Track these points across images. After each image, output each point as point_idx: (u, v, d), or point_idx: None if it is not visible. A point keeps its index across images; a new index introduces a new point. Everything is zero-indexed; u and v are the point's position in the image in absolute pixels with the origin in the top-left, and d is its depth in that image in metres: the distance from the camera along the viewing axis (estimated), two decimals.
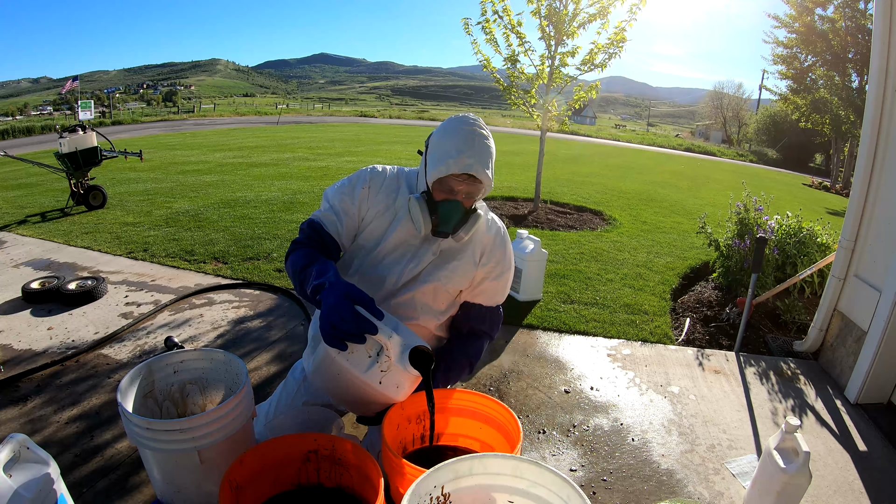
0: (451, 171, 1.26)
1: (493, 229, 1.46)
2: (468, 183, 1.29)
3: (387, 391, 1.14)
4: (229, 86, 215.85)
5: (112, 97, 35.83)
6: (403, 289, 1.40)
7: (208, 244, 3.90)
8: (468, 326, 1.48)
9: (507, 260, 1.47)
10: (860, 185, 2.37)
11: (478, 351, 1.47)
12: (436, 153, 1.30)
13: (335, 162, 9.27)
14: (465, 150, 1.26)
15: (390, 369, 1.12)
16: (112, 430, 1.76)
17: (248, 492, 1.09)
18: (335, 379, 1.16)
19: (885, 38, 2.20)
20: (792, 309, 3.02)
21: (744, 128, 41.68)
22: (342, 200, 1.39)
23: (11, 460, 0.94)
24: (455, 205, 1.31)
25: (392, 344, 1.10)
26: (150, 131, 16.78)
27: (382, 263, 1.40)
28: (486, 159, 1.29)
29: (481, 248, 1.44)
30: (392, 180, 1.44)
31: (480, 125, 1.32)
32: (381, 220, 1.40)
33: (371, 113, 36.60)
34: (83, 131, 5.00)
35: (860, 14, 14.89)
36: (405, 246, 1.40)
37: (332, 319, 1.05)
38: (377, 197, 1.41)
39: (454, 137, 1.28)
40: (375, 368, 1.12)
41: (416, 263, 1.39)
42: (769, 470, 1.38)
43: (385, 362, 1.12)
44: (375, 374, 1.12)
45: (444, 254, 1.42)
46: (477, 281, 1.45)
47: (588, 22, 4.92)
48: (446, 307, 1.46)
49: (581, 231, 5.07)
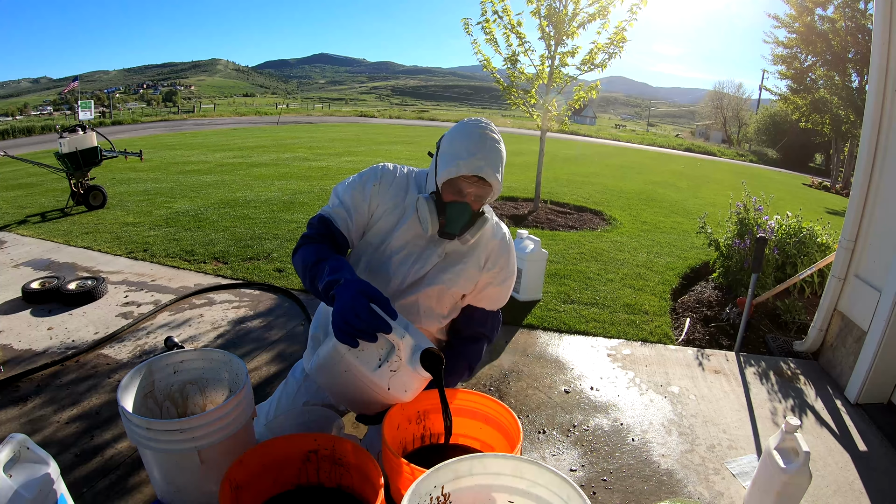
0: (462, 173, 1.26)
1: (499, 234, 1.46)
2: (478, 185, 1.30)
3: (395, 392, 1.14)
4: (229, 86, 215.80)
5: (112, 97, 35.85)
6: (408, 291, 1.40)
7: (208, 244, 3.90)
8: (469, 330, 1.49)
9: (510, 266, 1.48)
10: (860, 185, 2.37)
11: (478, 354, 1.48)
12: (447, 154, 1.31)
13: (335, 162, 9.27)
14: (476, 153, 1.26)
15: (400, 370, 1.12)
16: (112, 430, 1.76)
17: (248, 492, 1.09)
18: (341, 376, 1.16)
19: (885, 38, 2.20)
20: (792, 309, 3.02)
21: (744, 128, 41.67)
22: (353, 196, 1.40)
23: (11, 460, 0.94)
24: (463, 207, 1.32)
25: (404, 344, 1.10)
26: (150, 131, 16.78)
27: (388, 263, 1.40)
28: (497, 163, 1.29)
29: (486, 253, 1.44)
30: (402, 179, 1.44)
31: (492, 129, 1.32)
32: (390, 218, 1.41)
33: (371, 113, 36.60)
34: (83, 131, 5.00)
35: (860, 14, 14.88)
36: (411, 246, 1.40)
37: (346, 316, 1.04)
38: (387, 194, 1.41)
39: (466, 139, 1.29)
40: (385, 368, 1.11)
41: (421, 265, 1.39)
42: (769, 470, 1.38)
43: (395, 363, 1.11)
44: (384, 374, 1.12)
45: (450, 256, 1.42)
46: (481, 285, 1.45)
47: (588, 22, 4.92)
48: (448, 311, 1.46)
49: (581, 231, 5.07)
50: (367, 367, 1.11)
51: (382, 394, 1.15)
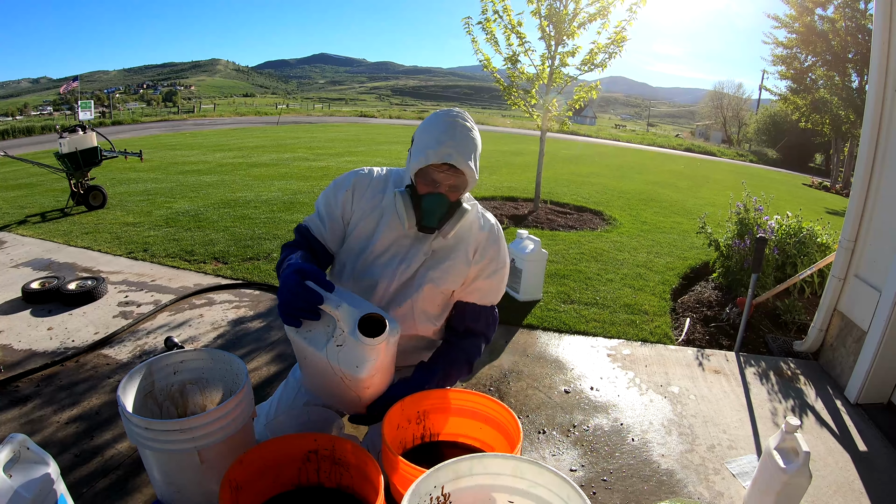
0: (431, 161, 1.25)
1: (487, 227, 1.44)
2: (450, 174, 1.28)
3: (346, 369, 1.08)
4: (229, 86, 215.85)
5: (112, 97, 35.86)
6: (399, 295, 1.38)
7: (208, 244, 3.90)
8: (463, 325, 1.46)
9: (500, 258, 1.44)
10: (860, 185, 2.37)
11: (476, 349, 1.45)
12: (418, 145, 1.30)
13: (335, 162, 9.27)
14: (445, 141, 1.25)
15: (345, 343, 1.08)
16: (112, 430, 1.76)
17: (248, 492, 1.09)
18: (307, 367, 1.14)
19: (885, 38, 2.20)
20: (792, 309, 3.02)
21: (744, 128, 41.68)
22: (327, 204, 1.41)
23: (11, 460, 0.94)
24: (439, 198, 1.29)
25: (341, 314, 1.07)
26: (150, 131, 16.78)
27: (374, 266, 1.38)
28: (468, 150, 1.27)
29: (474, 246, 1.41)
30: (379, 181, 1.43)
31: (464, 117, 1.30)
32: (369, 221, 1.39)
33: (371, 113, 36.58)
34: (83, 131, 5.00)
35: (860, 14, 14.87)
36: (395, 246, 1.38)
37: (283, 296, 1.06)
38: (363, 199, 1.40)
39: (435, 128, 1.28)
40: (332, 343, 1.08)
41: (407, 264, 1.37)
42: (769, 470, 1.38)
43: (340, 336, 1.08)
44: (333, 351, 1.08)
45: (437, 254, 1.40)
46: (470, 279, 1.42)
47: (588, 22, 4.92)
48: (441, 310, 1.45)
49: (581, 231, 5.07)
50: (316, 346, 1.09)
51: (340, 376, 1.10)
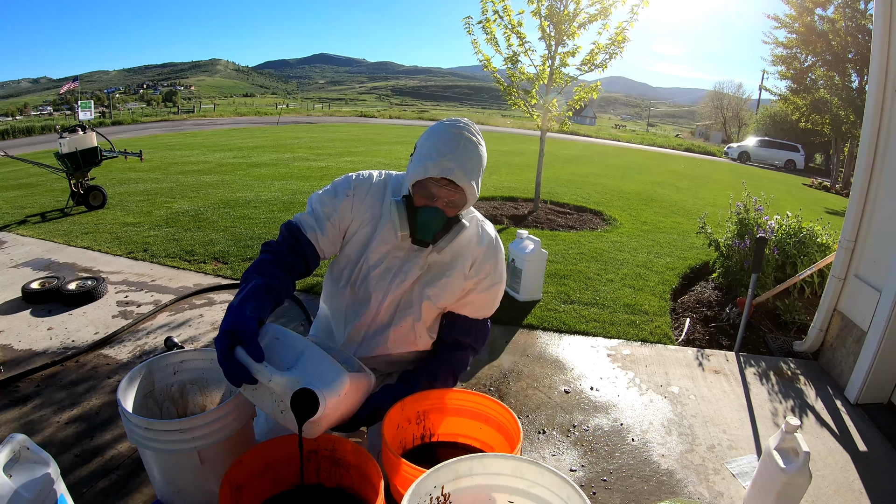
0: (429, 174, 1.18)
1: (486, 240, 1.36)
2: (449, 189, 1.20)
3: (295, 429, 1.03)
4: (229, 86, 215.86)
5: (112, 97, 35.87)
6: (398, 315, 1.34)
7: (208, 244, 3.90)
8: (452, 337, 1.39)
9: (497, 273, 1.37)
10: (860, 185, 2.37)
11: (461, 363, 1.40)
12: (418, 155, 1.22)
13: (335, 162, 9.27)
14: (446, 154, 1.17)
15: (286, 411, 1.01)
16: (112, 430, 1.76)
17: (248, 492, 1.09)
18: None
19: (885, 38, 2.20)
20: (792, 309, 3.02)
21: (744, 128, 41.67)
22: (324, 206, 1.33)
23: (11, 460, 0.94)
24: (435, 212, 1.22)
25: (274, 387, 0.98)
26: (150, 131, 16.78)
27: (368, 279, 1.33)
28: (470, 166, 1.20)
29: (472, 260, 1.34)
30: (378, 186, 1.36)
31: (471, 130, 1.23)
32: (366, 229, 1.34)
33: (371, 113, 36.55)
34: (83, 131, 4.99)
35: (860, 14, 14.86)
36: (390, 259, 1.32)
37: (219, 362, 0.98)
38: (363, 204, 1.34)
39: (438, 139, 1.21)
40: (276, 407, 1.03)
41: (402, 279, 1.32)
42: (769, 470, 1.38)
43: (281, 402, 1.02)
44: (278, 414, 1.03)
45: (433, 269, 1.34)
46: (464, 292, 1.36)
47: (588, 22, 4.93)
48: (433, 324, 1.41)
49: (581, 231, 5.07)
50: (262, 406, 1.05)
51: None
